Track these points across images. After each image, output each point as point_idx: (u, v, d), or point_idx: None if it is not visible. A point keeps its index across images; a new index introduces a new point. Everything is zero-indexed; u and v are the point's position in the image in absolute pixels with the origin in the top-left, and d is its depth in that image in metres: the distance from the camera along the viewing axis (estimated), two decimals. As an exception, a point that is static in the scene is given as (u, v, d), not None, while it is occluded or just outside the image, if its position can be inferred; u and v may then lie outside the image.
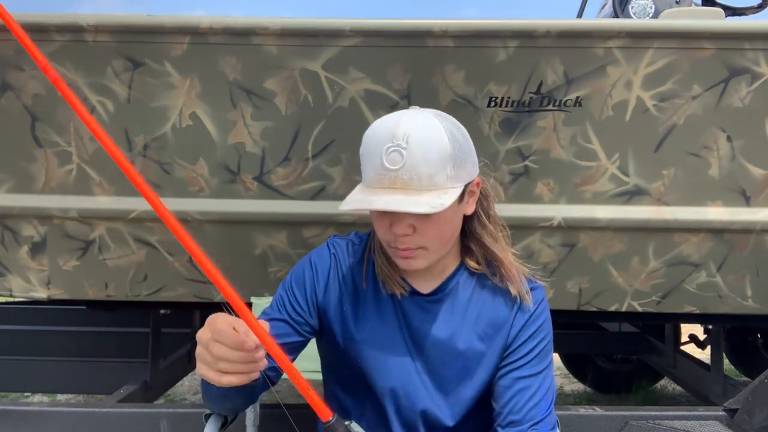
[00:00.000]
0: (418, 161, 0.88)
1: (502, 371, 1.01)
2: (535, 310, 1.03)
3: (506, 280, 1.03)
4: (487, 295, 1.04)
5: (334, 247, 1.09)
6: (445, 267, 1.04)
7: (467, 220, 1.02)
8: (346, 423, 0.79)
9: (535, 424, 0.97)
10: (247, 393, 0.93)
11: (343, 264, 1.07)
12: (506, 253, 1.04)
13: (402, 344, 1.03)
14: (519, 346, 1.01)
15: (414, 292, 1.03)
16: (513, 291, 1.02)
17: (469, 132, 0.98)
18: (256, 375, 0.78)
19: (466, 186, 0.95)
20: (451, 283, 1.04)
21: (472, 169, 0.96)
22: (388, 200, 0.87)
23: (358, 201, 0.90)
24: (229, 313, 0.75)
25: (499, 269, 1.03)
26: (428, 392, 1.03)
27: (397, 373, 1.03)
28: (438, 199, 0.87)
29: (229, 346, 0.74)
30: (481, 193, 1.02)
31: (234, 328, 0.74)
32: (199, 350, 0.77)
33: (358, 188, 0.94)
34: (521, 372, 1.00)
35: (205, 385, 0.92)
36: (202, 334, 0.77)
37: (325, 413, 0.75)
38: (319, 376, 1.16)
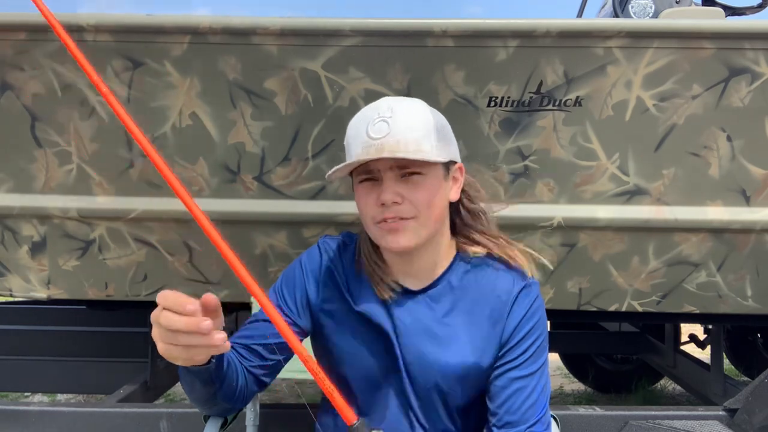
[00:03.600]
0: (403, 128, 0.91)
1: (498, 371, 1.01)
2: (529, 308, 1.02)
3: (507, 256, 1.04)
4: (482, 288, 1.03)
5: (325, 248, 1.09)
6: (436, 263, 1.03)
7: (454, 209, 1.03)
8: (374, 430, 0.77)
9: (531, 425, 0.97)
10: (224, 393, 0.92)
11: (335, 264, 1.07)
12: (498, 234, 1.07)
13: (392, 344, 1.03)
14: (514, 345, 1.01)
15: (406, 291, 1.03)
16: (518, 263, 1.03)
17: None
18: (209, 352, 0.74)
19: (450, 165, 0.98)
20: (444, 279, 1.04)
21: (453, 148, 1.00)
22: (377, 155, 0.90)
23: (348, 164, 0.93)
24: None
25: (499, 246, 1.05)
26: (420, 393, 1.03)
27: (387, 374, 1.03)
28: (427, 156, 0.91)
29: (174, 311, 0.71)
30: (465, 183, 1.05)
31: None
32: (154, 330, 0.74)
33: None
34: (517, 372, 1.00)
35: (184, 384, 0.92)
36: (153, 312, 0.74)
37: (350, 416, 0.74)
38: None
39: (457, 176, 1.02)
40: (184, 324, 0.70)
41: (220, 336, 0.71)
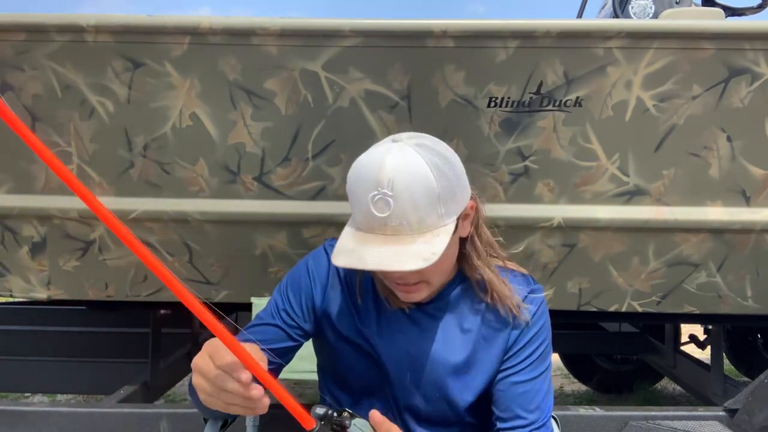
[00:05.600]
0: (405, 208, 0.85)
1: (501, 375, 1.01)
2: (534, 314, 1.02)
3: (497, 299, 1.01)
4: (486, 301, 1.03)
5: (332, 251, 1.08)
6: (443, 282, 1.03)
7: (462, 239, 1.01)
8: (344, 413, 0.79)
9: (536, 428, 0.97)
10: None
11: (341, 270, 1.06)
12: (494, 272, 1.02)
13: (400, 348, 1.03)
14: (518, 350, 1.01)
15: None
16: (502, 311, 1.00)
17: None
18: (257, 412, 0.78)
19: (459, 216, 0.93)
20: (448, 292, 1.03)
21: (463, 198, 0.93)
22: (380, 256, 0.85)
23: (351, 252, 0.88)
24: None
25: (490, 289, 1.01)
26: (424, 398, 1.03)
27: (393, 375, 1.03)
28: (431, 246, 0.85)
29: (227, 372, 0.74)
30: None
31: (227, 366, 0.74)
32: (198, 380, 0.77)
33: (348, 230, 0.93)
34: (520, 376, 1.00)
35: (193, 398, 0.93)
36: (203, 365, 0.76)
37: (309, 421, 0.76)
38: (315, 376, 1.16)
39: (468, 213, 0.97)
40: (237, 390, 0.74)
41: (264, 403, 0.74)
